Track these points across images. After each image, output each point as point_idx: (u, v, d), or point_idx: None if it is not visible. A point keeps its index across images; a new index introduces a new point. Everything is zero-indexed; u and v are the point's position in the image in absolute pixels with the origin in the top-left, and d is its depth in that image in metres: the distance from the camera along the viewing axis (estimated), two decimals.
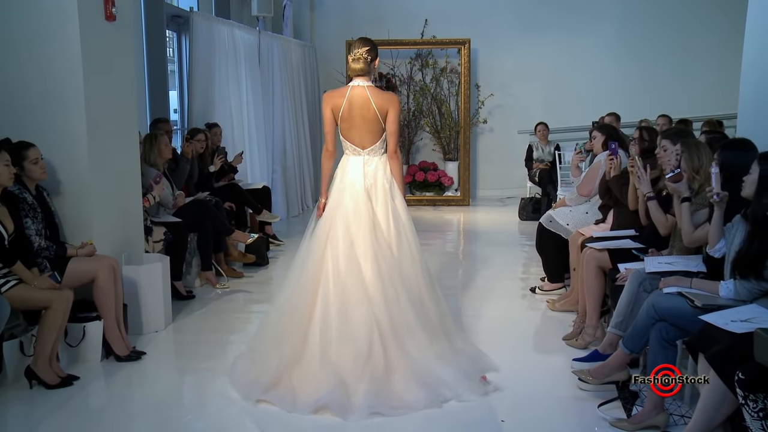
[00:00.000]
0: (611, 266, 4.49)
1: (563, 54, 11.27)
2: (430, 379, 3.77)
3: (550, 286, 5.91)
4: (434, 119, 11.34)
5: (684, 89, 10.90)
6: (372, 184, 4.11)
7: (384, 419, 3.58)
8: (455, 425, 3.56)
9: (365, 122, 4.07)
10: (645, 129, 5.08)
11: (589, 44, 11.22)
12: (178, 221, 5.77)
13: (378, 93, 4.08)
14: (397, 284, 3.93)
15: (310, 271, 3.96)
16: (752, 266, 3.26)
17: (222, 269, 6.41)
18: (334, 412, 3.57)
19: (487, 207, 10.86)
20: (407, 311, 3.91)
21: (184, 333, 5.06)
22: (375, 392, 3.64)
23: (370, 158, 4.14)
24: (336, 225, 4.03)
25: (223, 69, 7.92)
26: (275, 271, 6.93)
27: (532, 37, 11.26)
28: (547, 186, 9.42)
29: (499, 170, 11.60)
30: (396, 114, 4.08)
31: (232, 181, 7.43)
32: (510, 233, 8.84)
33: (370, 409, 3.56)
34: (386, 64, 11.18)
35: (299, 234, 8.14)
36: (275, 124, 9.48)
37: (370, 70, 4.12)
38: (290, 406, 3.63)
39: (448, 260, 7.23)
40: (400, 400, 3.65)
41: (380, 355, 3.78)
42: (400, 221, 4.10)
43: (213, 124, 7.40)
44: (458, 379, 3.81)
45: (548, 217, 5.80)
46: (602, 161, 5.55)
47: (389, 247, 4.00)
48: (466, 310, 5.44)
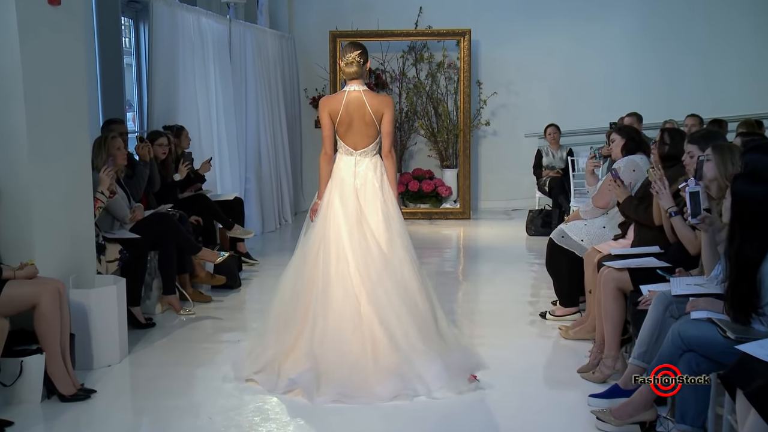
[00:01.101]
0: (632, 288, 4.48)
1: (576, 46, 11.32)
2: (406, 373, 4.37)
3: (562, 310, 5.90)
4: (430, 121, 11.35)
5: (715, 85, 10.94)
6: (362, 184, 4.77)
7: (349, 406, 4.20)
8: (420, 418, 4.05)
9: (362, 126, 4.77)
10: (667, 131, 5.05)
11: (606, 35, 11.28)
12: (136, 238, 5.73)
13: (373, 96, 4.79)
14: (386, 282, 4.55)
15: (308, 269, 4.66)
16: (745, 309, 3.30)
17: (187, 293, 6.37)
18: (303, 393, 4.31)
19: (491, 221, 10.86)
20: (398, 308, 4.52)
21: (143, 367, 5.01)
22: (346, 382, 4.30)
23: (361, 159, 4.81)
24: (327, 224, 4.69)
25: (188, 63, 7.91)
26: (249, 294, 6.89)
27: (540, 28, 11.31)
28: (559, 197, 9.42)
29: (503, 179, 11.62)
30: (391, 116, 4.77)
31: (198, 192, 7.41)
32: (517, 250, 8.83)
33: (336, 397, 4.25)
34: (375, 58, 11.19)
35: (276, 252, 8.36)
36: (248, 126, 9.47)
37: (363, 72, 4.81)
38: (272, 386, 4.45)
39: (447, 281, 7.22)
40: (369, 391, 4.28)
41: (368, 348, 4.43)
42: (390, 220, 4.73)
43: (179, 128, 7.39)
44: (437, 376, 4.37)
45: (560, 232, 5.79)
46: (622, 168, 5.54)
47: (378, 245, 4.63)
48: (466, 336, 5.40)
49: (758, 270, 3.26)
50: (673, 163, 4.81)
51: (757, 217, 3.28)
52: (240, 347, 5.05)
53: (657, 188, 4.35)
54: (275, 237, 9.64)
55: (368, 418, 4.14)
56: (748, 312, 3.32)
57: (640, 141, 5.68)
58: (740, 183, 3.35)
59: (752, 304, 3.31)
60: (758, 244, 3.27)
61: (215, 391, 4.54)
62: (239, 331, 5.82)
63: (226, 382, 4.66)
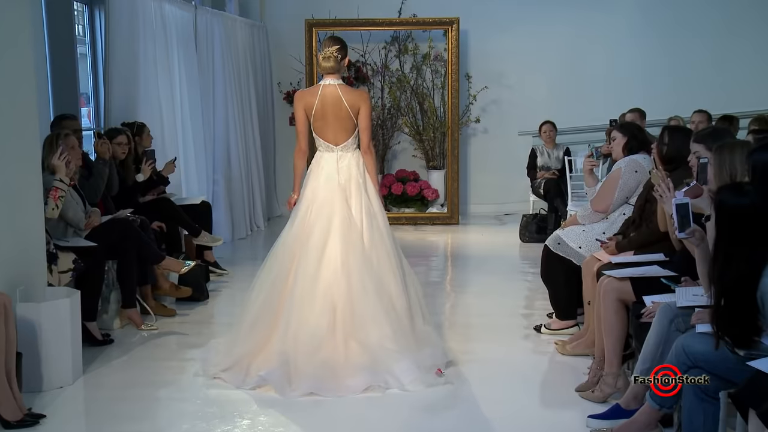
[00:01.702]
0: (635, 299, 4.48)
1: (574, 36, 11.37)
2: (377, 367, 4.79)
3: (559, 324, 5.90)
4: (415, 118, 11.36)
5: (727, 79, 11.00)
6: (347, 180, 5.15)
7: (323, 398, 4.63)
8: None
9: (338, 120, 5.13)
10: (667, 129, 5.05)
11: (607, 23, 11.33)
12: (92, 246, 5.69)
13: (349, 91, 5.17)
14: (366, 278, 4.95)
15: (286, 265, 5.03)
16: (745, 333, 3.30)
17: (149, 306, 6.34)
18: (274, 388, 4.70)
19: (481, 226, 10.86)
20: (374, 304, 4.93)
21: (99, 388, 4.97)
22: (319, 375, 4.70)
23: (343, 154, 5.19)
24: (311, 220, 5.06)
25: (150, 53, 7.87)
26: (217, 307, 6.87)
27: (535, 16, 11.34)
28: (555, 200, 9.44)
29: (495, 180, 11.63)
30: (367, 110, 5.15)
31: (162, 195, 7.37)
32: (509, 258, 8.84)
33: (309, 389, 4.66)
34: (356, 49, 11.18)
35: (247, 261, 8.33)
36: (216, 123, 9.44)
37: (340, 68, 5.18)
38: (240, 382, 4.80)
39: (433, 292, 7.20)
40: (341, 384, 4.71)
41: (340, 344, 4.84)
42: (373, 216, 5.15)
43: (140, 125, 7.36)
44: (408, 370, 4.79)
45: (556, 238, 5.79)
46: (623, 169, 5.54)
47: (362, 240, 5.03)
48: (456, 354, 5.41)
49: (757, 288, 3.24)
50: (676, 166, 4.81)
51: (745, 232, 3.26)
52: (210, 345, 5.40)
53: (661, 191, 4.34)
54: (246, 245, 9.59)
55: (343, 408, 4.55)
56: (750, 336, 3.31)
57: (643, 139, 5.68)
58: (724, 195, 3.34)
59: (755, 327, 3.28)
60: (747, 262, 3.24)
61: (180, 415, 4.50)
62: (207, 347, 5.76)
63: (189, 402, 4.65)
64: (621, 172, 5.60)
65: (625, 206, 5.60)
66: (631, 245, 5.08)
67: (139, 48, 7.66)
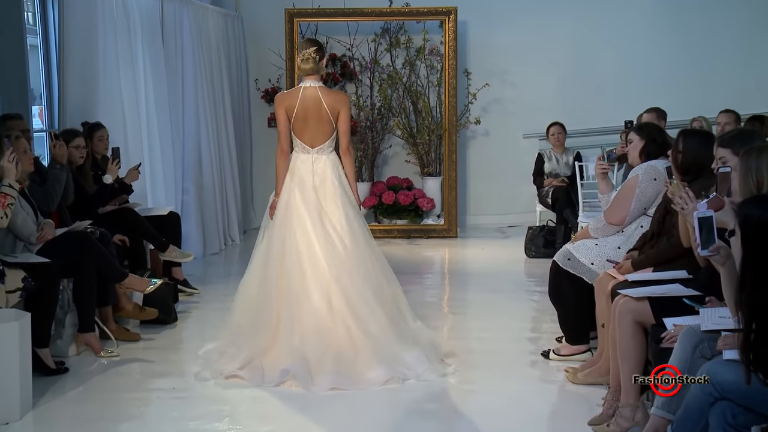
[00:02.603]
0: (654, 322, 4.47)
1: (586, 28, 11.42)
2: (391, 359, 5.45)
3: (569, 349, 5.89)
4: (408, 119, 11.36)
5: (758, 75, 11.03)
6: (321, 182, 5.76)
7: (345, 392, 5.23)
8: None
9: (318, 123, 5.75)
10: (684, 134, 5.04)
11: (622, 15, 11.38)
12: (45, 262, 5.66)
13: (328, 93, 5.81)
14: (355, 276, 5.60)
15: (274, 269, 5.65)
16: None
17: (109, 330, 6.32)
18: (299, 383, 5.30)
19: (482, 239, 10.87)
20: (367, 296, 5.59)
21: (51, 424, 4.94)
22: (338, 370, 5.34)
23: (318, 156, 5.81)
24: (291, 221, 5.67)
25: (110, 46, 7.87)
26: (186, 330, 6.84)
27: (542, 6, 11.39)
28: (564, 210, 9.44)
29: (497, 189, 11.65)
30: (347, 113, 5.82)
31: (124, 205, 7.36)
32: (513, 276, 8.83)
33: (331, 384, 5.27)
34: (342, 43, 11.23)
35: (221, 279, 8.33)
36: (186, 124, 9.45)
37: (319, 69, 5.81)
38: (259, 381, 5.38)
39: (429, 313, 7.18)
40: (362, 377, 5.36)
41: (345, 339, 5.48)
42: (352, 218, 5.77)
43: (95, 125, 7.32)
44: (419, 360, 5.50)
45: (566, 253, 5.78)
46: (641, 176, 5.54)
47: (342, 241, 5.66)
48: (454, 383, 5.41)
49: None
50: (694, 176, 4.82)
51: None
52: (207, 353, 5.86)
53: (681, 203, 4.33)
54: (219, 261, 9.57)
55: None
56: None
57: (663, 143, 5.67)
58: (749, 208, 3.32)
59: None
60: None
61: None
62: (174, 376, 5.76)
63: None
64: (638, 179, 5.59)
65: (642, 218, 5.59)
66: (650, 261, 5.07)
67: (97, 39, 7.65)
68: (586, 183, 9.38)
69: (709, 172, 4.59)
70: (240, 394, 5.30)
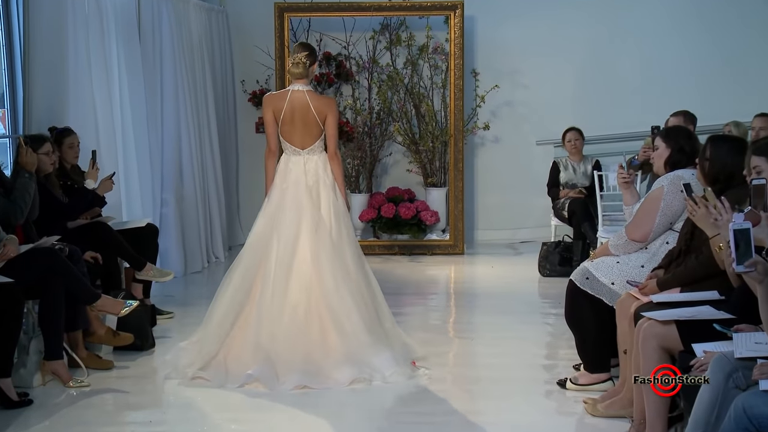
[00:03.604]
0: (682, 348, 4.45)
1: (606, 24, 11.44)
2: (359, 361, 6.00)
3: (588, 378, 5.87)
4: (410, 124, 11.38)
5: None
6: (314, 182, 6.37)
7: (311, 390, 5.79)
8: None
9: (305, 126, 6.37)
10: (711, 141, 5.04)
11: (644, 10, 11.42)
12: (8, 282, 5.62)
13: (316, 98, 6.44)
14: (338, 275, 6.18)
15: (254, 261, 6.26)
16: None
17: (79, 357, 6.29)
18: (263, 383, 5.84)
19: (491, 256, 10.88)
20: (346, 300, 6.15)
21: None
22: (305, 370, 5.90)
23: (310, 157, 6.42)
24: (280, 220, 6.26)
25: (81, 44, 7.86)
26: (161, 359, 6.74)
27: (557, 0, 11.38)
28: (582, 224, 9.43)
29: (508, 201, 11.70)
30: (334, 118, 6.40)
31: (97, 219, 7.36)
32: (526, 296, 8.84)
33: (298, 382, 5.84)
34: (337, 40, 11.26)
35: (203, 300, 8.30)
36: (166, 129, 9.47)
37: (309, 74, 6.46)
38: (222, 381, 5.92)
39: (433, 338, 7.20)
40: (328, 376, 5.92)
41: (318, 338, 6.05)
42: (340, 214, 6.40)
43: (64, 131, 7.30)
44: (387, 363, 6.02)
45: (584, 272, 5.76)
46: (666, 187, 5.52)
47: (331, 239, 6.27)
48: (461, 413, 5.42)
49: None
50: (723, 186, 4.81)
51: None
52: (177, 348, 6.41)
53: (715, 215, 4.32)
54: (202, 280, 9.56)
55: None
56: None
57: (692, 151, 5.64)
58: None
59: None
60: None
61: None
62: (151, 408, 5.76)
63: None
64: (663, 191, 5.57)
65: (668, 233, 5.58)
66: (677, 281, 5.05)
67: (67, 37, 7.66)
68: (606, 194, 9.37)
69: (740, 182, 4.58)
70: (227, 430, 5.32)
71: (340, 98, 11.34)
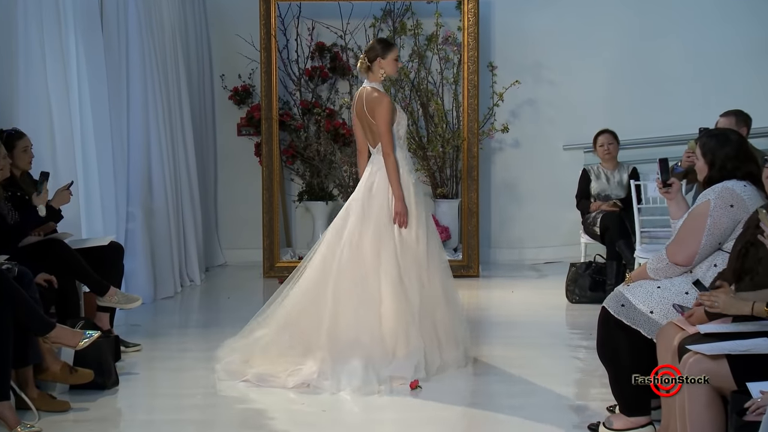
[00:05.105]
0: (735, 386, 4.45)
1: (643, 12, 11.48)
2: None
3: (624, 421, 5.81)
4: (416, 125, 11.42)
5: None
6: (372, 182, 7.09)
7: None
8: None
9: (365, 124, 7.17)
10: None
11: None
12: None
13: (370, 93, 7.11)
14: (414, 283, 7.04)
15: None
16: None
17: (29, 397, 6.25)
18: (322, 386, 6.56)
19: (511, 279, 10.93)
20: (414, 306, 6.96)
21: None
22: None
23: (377, 157, 7.13)
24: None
25: (34, 37, 7.90)
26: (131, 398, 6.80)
27: None
28: (617, 242, 9.44)
29: (530, 215, 11.76)
30: (382, 114, 6.98)
31: (51, 236, 7.38)
32: (552, 326, 8.87)
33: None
34: (332, 29, 11.31)
35: (175, 330, 8.22)
36: (132, 132, 9.50)
37: (373, 69, 7.13)
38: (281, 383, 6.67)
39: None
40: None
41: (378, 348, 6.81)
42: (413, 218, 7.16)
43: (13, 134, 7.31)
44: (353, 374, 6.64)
45: (619, 298, 5.73)
46: (713, 202, 5.48)
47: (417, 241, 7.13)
48: None
49: None
50: None
51: None
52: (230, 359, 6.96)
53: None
54: (174, 307, 9.56)
55: None
56: None
57: (734, 167, 5.61)
58: None
59: None
60: None
61: None
62: None
63: None
64: (709, 206, 5.52)
65: (716, 254, 5.54)
66: None
67: (17, 27, 7.70)
68: (644, 207, 9.36)
69: None
70: None
71: (336, 96, 11.38)
